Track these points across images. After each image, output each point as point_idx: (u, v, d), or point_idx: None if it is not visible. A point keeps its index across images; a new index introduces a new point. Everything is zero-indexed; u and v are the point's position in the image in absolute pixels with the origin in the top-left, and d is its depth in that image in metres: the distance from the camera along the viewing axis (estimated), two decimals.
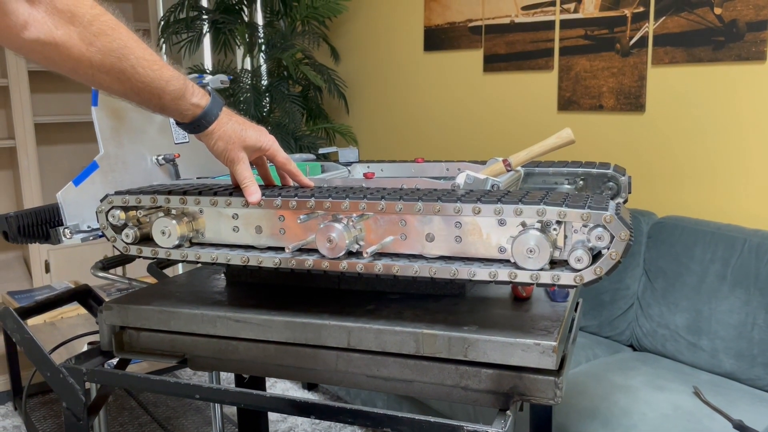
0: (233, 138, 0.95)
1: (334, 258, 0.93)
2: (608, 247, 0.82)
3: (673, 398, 1.66)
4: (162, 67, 0.87)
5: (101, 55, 0.81)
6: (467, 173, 1.00)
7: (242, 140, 0.96)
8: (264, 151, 1.00)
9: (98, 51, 0.80)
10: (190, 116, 0.93)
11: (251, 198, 0.95)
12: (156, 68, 0.86)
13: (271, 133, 1.01)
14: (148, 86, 0.86)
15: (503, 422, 0.86)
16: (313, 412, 0.95)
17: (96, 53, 0.80)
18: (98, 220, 1.06)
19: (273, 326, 0.99)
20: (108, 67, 0.82)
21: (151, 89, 0.87)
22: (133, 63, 0.84)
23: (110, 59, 0.82)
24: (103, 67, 0.82)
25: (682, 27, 2.07)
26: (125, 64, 0.83)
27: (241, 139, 0.96)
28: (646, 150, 2.24)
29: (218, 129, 0.94)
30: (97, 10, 0.80)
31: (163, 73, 0.87)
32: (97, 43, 0.80)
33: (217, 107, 0.94)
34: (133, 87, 0.86)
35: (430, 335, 0.91)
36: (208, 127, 0.94)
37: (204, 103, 0.93)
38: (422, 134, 3.01)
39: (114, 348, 1.11)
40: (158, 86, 0.87)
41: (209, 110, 0.93)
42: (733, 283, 1.84)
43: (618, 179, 1.23)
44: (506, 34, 2.58)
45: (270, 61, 3.12)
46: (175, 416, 2.62)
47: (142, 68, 0.85)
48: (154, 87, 0.87)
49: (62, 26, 0.77)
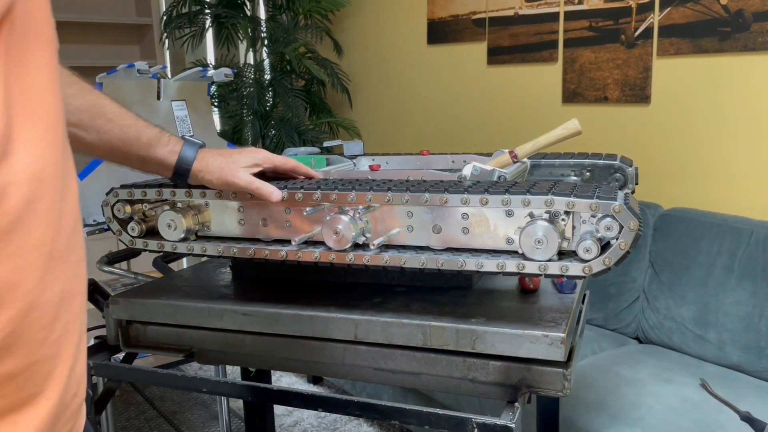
0: (223, 167, 0.96)
1: (340, 250, 0.92)
2: (617, 237, 0.82)
3: (680, 391, 1.65)
4: (136, 119, 0.93)
5: (79, 113, 0.86)
6: (474, 164, 0.99)
7: (236, 165, 0.96)
8: (260, 166, 0.99)
9: (77, 109, 0.86)
10: (171, 165, 0.95)
11: (272, 197, 0.94)
12: (130, 120, 0.92)
13: (274, 128, 1.02)
14: (125, 138, 0.92)
15: (512, 414, 0.85)
16: (320, 404, 0.95)
17: (75, 111, 0.85)
18: (104, 214, 1.05)
19: (280, 319, 0.99)
20: (87, 124, 0.88)
21: (130, 140, 0.92)
22: (110, 117, 0.90)
23: (89, 114, 0.88)
24: (82, 123, 0.87)
25: (688, 18, 2.06)
26: (102, 120, 0.89)
27: (234, 164, 0.96)
28: (651, 142, 2.22)
29: (202, 167, 0.96)
30: (74, 78, 0.86)
31: (138, 123, 0.93)
32: (75, 102, 0.85)
33: (192, 149, 0.96)
34: (111, 142, 0.91)
35: (437, 327, 0.91)
36: (190, 169, 0.96)
37: (178, 148, 0.96)
38: (426, 128, 3.00)
39: (120, 342, 1.11)
40: (133, 134, 0.92)
41: (184, 153, 0.95)
42: (740, 275, 1.83)
43: (625, 170, 1.22)
44: (510, 27, 2.56)
45: (273, 55, 3.11)
46: (181, 411, 2.62)
47: (119, 119, 0.91)
48: (129, 136, 0.92)
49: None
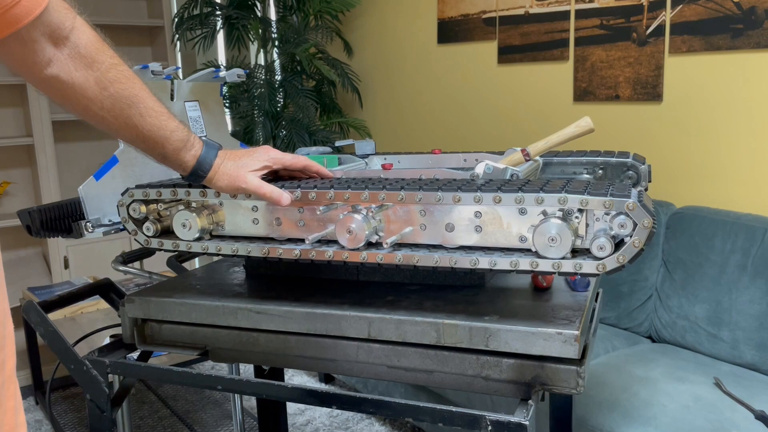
0: (233, 174, 0.97)
1: (354, 249, 0.93)
2: (631, 234, 0.82)
3: (693, 389, 1.64)
4: (168, 118, 0.93)
5: (112, 100, 0.87)
6: (486, 163, 1.00)
7: (245, 170, 0.97)
8: (270, 167, 1.00)
9: (110, 96, 0.86)
10: (190, 168, 0.96)
11: (281, 202, 0.96)
12: (163, 119, 0.92)
13: (285, 128, 1.02)
14: (153, 134, 0.92)
15: (525, 411, 0.86)
16: (334, 402, 0.96)
17: (108, 98, 0.86)
18: (119, 214, 1.07)
19: (294, 317, 0.99)
20: (117, 112, 0.88)
21: (155, 138, 0.92)
22: (142, 111, 0.89)
23: (120, 105, 0.88)
24: (113, 111, 0.88)
25: (700, 15, 2.05)
26: (133, 111, 0.89)
27: (243, 169, 0.97)
28: (663, 140, 2.21)
29: (214, 174, 0.97)
30: (116, 60, 0.87)
31: (169, 123, 0.93)
32: (110, 89, 0.86)
33: (210, 154, 0.97)
34: (138, 134, 0.91)
35: (450, 325, 0.91)
36: (206, 175, 0.97)
37: (199, 153, 0.96)
38: (436, 127, 3.00)
39: (136, 340, 1.12)
40: (162, 135, 0.92)
41: (203, 158, 0.96)
42: (754, 273, 1.82)
43: (638, 168, 1.22)
44: (521, 26, 2.56)
45: (283, 56, 3.12)
46: (194, 410, 2.64)
47: (150, 117, 0.90)
48: (158, 136, 0.92)
49: (81, 69, 0.83)
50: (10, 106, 3.13)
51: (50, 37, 0.79)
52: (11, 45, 0.76)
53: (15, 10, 0.71)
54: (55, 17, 0.78)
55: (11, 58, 0.78)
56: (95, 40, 0.84)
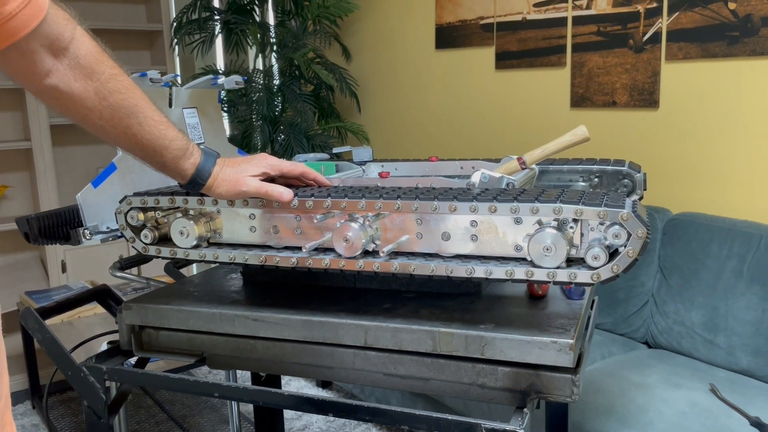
0: (232, 179, 0.97)
1: (350, 257, 0.93)
2: (625, 244, 0.82)
3: (689, 395, 1.65)
4: (168, 127, 0.93)
5: (111, 110, 0.87)
6: (482, 172, 1.00)
7: (244, 174, 0.98)
8: (268, 173, 1.00)
9: (109, 106, 0.87)
10: (188, 176, 0.97)
11: (283, 198, 0.96)
12: (162, 128, 0.92)
13: (283, 133, 1.03)
14: (152, 143, 0.92)
15: (520, 420, 0.86)
16: (331, 409, 0.96)
17: (107, 108, 0.87)
18: (117, 221, 1.07)
19: (291, 325, 1.00)
20: (116, 122, 0.88)
21: (154, 147, 0.93)
22: (141, 121, 0.90)
23: (119, 114, 0.88)
24: (112, 120, 0.88)
25: (696, 22, 2.06)
26: (133, 121, 0.89)
27: (242, 174, 0.98)
28: (660, 146, 2.22)
29: (213, 182, 0.98)
30: (116, 70, 0.87)
31: (168, 132, 0.93)
32: (110, 99, 0.86)
33: (209, 163, 0.97)
34: (138, 143, 0.92)
35: (446, 333, 0.92)
36: (204, 184, 0.97)
37: (197, 161, 0.96)
38: (434, 133, 3.01)
39: (133, 347, 1.12)
40: (161, 144, 0.93)
41: (201, 167, 0.96)
42: (750, 280, 1.83)
43: (633, 176, 1.23)
44: (518, 31, 2.57)
45: (282, 60, 3.13)
46: (191, 414, 2.64)
47: (149, 126, 0.91)
48: (157, 145, 0.92)
49: (80, 80, 0.84)
50: (9, 110, 3.13)
51: (49, 48, 0.79)
52: (10, 56, 0.77)
53: (12, 22, 0.71)
54: (54, 29, 0.79)
55: (11, 67, 0.79)
56: (95, 50, 0.85)
